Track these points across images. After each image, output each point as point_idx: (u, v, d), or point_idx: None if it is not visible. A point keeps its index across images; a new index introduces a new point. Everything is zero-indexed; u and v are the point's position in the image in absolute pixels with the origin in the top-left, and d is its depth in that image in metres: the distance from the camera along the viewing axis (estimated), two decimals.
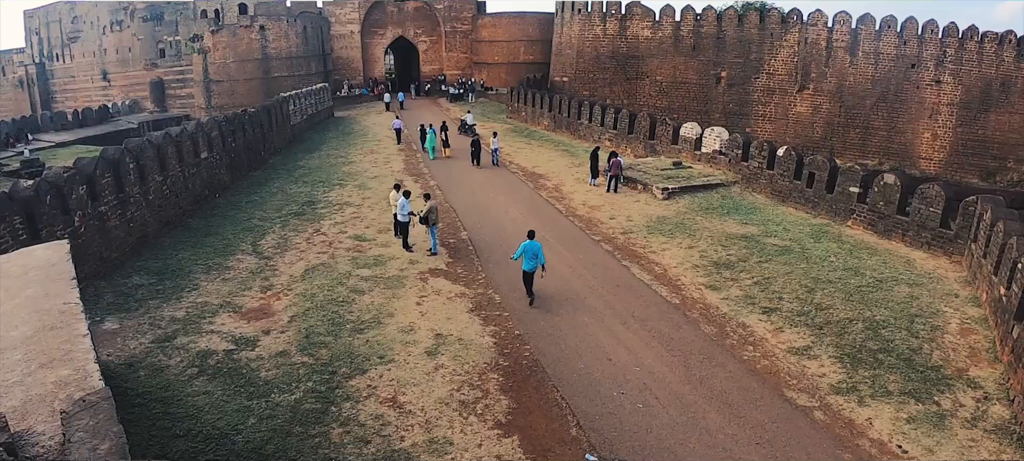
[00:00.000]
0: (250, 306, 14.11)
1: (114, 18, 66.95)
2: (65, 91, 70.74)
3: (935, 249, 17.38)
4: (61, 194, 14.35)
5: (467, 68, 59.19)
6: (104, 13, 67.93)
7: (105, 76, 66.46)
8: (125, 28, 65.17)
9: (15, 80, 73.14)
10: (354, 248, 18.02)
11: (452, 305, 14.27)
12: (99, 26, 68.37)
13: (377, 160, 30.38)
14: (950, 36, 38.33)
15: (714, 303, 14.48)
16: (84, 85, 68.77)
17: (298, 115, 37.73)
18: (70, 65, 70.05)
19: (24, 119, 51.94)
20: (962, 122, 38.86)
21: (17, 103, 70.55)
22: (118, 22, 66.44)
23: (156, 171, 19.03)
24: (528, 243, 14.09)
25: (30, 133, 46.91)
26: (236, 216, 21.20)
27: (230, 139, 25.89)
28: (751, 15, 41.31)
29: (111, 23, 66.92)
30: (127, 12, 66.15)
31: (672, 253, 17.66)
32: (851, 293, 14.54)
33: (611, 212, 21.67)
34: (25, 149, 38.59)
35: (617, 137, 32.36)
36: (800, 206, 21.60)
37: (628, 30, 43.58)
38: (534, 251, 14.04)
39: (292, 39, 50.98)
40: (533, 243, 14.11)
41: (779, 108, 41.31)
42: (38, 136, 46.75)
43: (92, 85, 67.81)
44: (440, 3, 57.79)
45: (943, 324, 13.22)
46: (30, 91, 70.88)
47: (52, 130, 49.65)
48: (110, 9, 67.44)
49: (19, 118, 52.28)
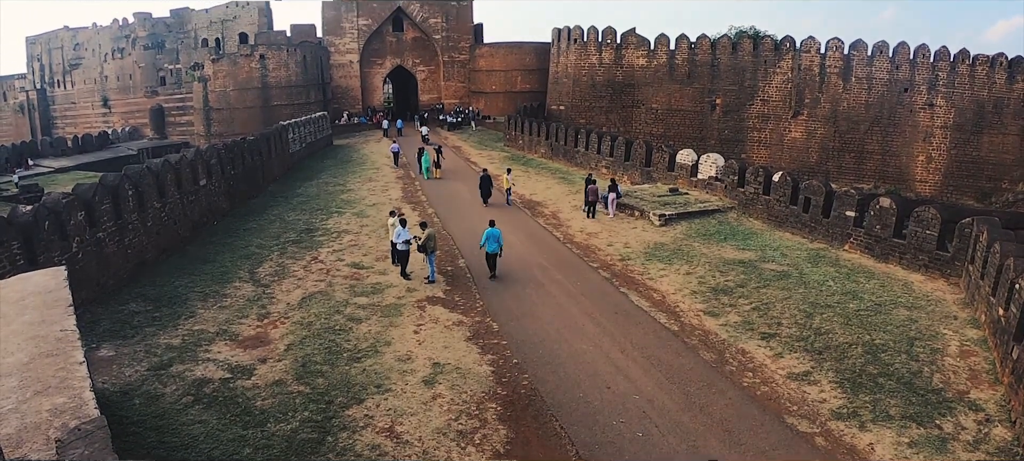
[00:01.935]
0: (247, 334, 14.03)
1: (116, 45, 67.63)
2: (65, 117, 71.12)
3: (932, 271, 17.42)
4: (59, 220, 14.35)
5: (465, 97, 59.72)
6: (106, 40, 68.64)
7: (106, 102, 66.88)
8: (126, 55, 65.80)
9: (16, 105, 73.53)
10: (352, 276, 17.99)
11: (450, 333, 14.21)
12: (100, 53, 69.04)
13: (375, 188, 30.47)
14: (942, 60, 38.96)
15: (713, 329, 14.45)
16: (85, 111, 69.17)
17: (297, 143, 37.92)
18: (71, 91, 70.52)
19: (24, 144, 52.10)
20: (956, 144, 39.30)
21: (17, 128, 70.87)
22: (119, 49, 67.10)
23: (154, 198, 19.06)
24: (490, 230, 17.64)
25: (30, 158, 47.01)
26: (234, 243, 21.18)
27: (229, 167, 25.97)
28: (745, 42, 41.89)
29: (113, 50, 67.59)
30: (129, 40, 66.85)
31: (670, 279, 17.66)
32: (850, 317, 14.52)
33: (609, 239, 21.70)
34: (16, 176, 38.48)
35: (614, 164, 32.55)
36: (797, 231, 21.69)
37: (623, 59, 44.10)
38: (495, 236, 17.59)
39: (292, 68, 51.45)
40: (494, 230, 17.69)
41: (774, 134, 41.69)
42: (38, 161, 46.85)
43: (93, 111, 68.21)
44: (438, 33, 58.49)
45: (943, 346, 13.20)
46: (31, 116, 71.24)
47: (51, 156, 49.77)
48: (112, 36, 68.16)
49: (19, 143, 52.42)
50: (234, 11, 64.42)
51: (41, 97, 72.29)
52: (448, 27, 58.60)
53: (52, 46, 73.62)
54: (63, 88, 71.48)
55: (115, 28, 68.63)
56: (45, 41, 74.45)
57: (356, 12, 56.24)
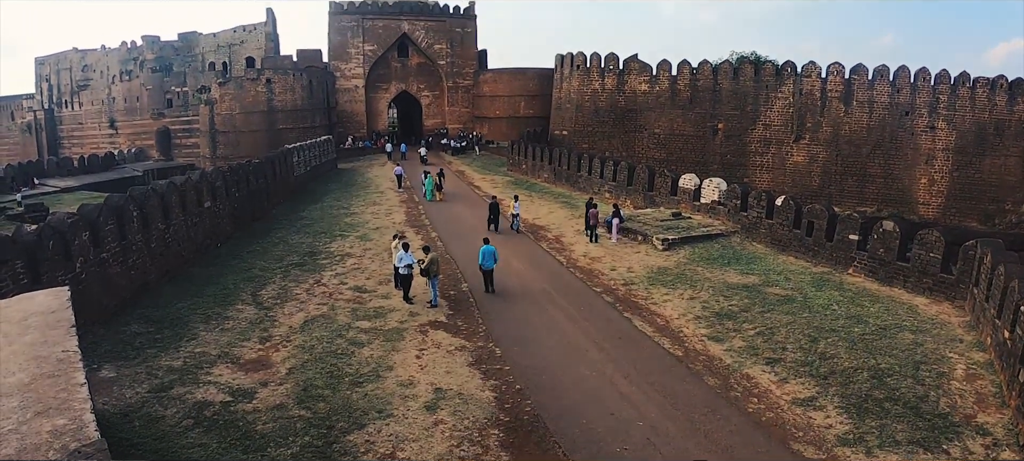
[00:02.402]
0: (248, 357, 13.96)
1: (124, 68, 68.44)
2: (72, 137, 71.70)
3: (937, 294, 17.34)
4: (64, 240, 14.38)
5: (469, 122, 60.11)
6: (114, 62, 69.46)
7: (112, 124, 67.44)
8: (134, 78, 66.53)
9: (23, 125, 74.18)
10: (354, 299, 17.95)
11: (452, 358, 14.12)
12: (108, 75, 69.84)
13: (379, 211, 30.54)
14: (942, 83, 39.21)
15: (717, 355, 14.35)
16: (91, 132, 69.73)
17: (302, 166, 38.11)
18: (78, 112, 71.19)
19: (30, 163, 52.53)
20: (958, 167, 39.38)
21: (24, 148, 71.45)
22: (127, 72, 67.88)
23: (159, 219, 19.11)
24: (485, 247, 18.58)
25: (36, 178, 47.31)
26: (237, 266, 21.19)
27: (234, 189, 26.08)
28: (746, 68, 42.21)
29: (121, 72, 68.36)
30: (137, 62, 67.65)
31: (674, 304, 17.59)
32: (855, 341, 14.42)
33: (612, 263, 21.66)
34: (19, 195, 38.63)
35: (616, 189, 32.63)
36: (800, 255, 21.64)
37: (626, 85, 44.43)
38: (491, 253, 18.54)
39: (297, 92, 51.94)
40: (489, 247, 18.65)
41: (776, 158, 41.81)
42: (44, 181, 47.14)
43: (99, 132, 68.75)
44: (442, 59, 59.07)
45: (949, 370, 13.09)
46: (38, 136, 71.84)
47: (57, 175, 50.13)
48: (120, 59, 68.99)
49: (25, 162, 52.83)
50: (241, 35, 65.26)
51: (49, 117, 72.94)
52: (452, 53, 59.22)
53: (61, 67, 74.49)
54: (71, 109, 72.17)
55: (123, 51, 69.49)
56: (54, 62, 75.33)
57: (362, 38, 56.88)
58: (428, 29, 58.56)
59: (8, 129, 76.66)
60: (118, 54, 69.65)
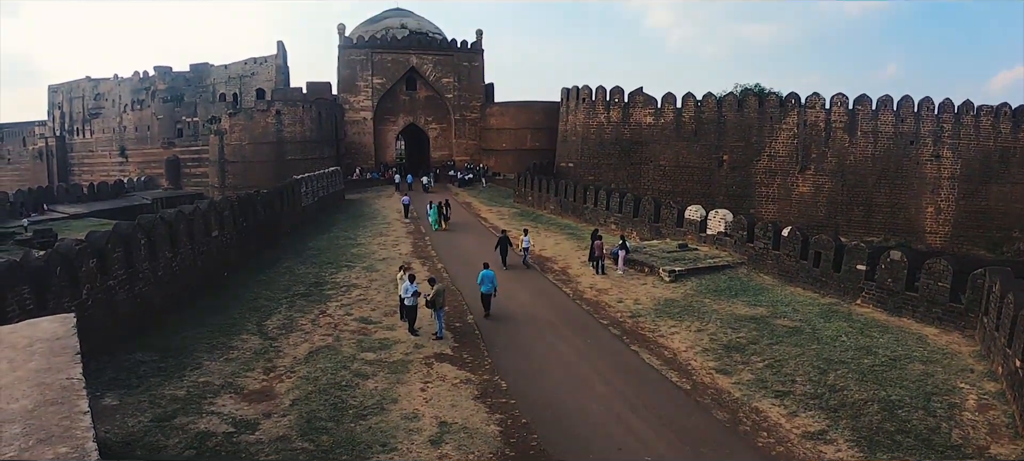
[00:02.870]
0: (252, 388, 13.85)
1: (136, 97, 69.41)
2: (83, 164, 72.42)
3: (947, 324, 17.17)
4: (71, 266, 14.40)
5: (476, 154, 60.45)
6: (126, 92, 70.49)
7: (123, 152, 68.14)
8: (146, 107, 67.42)
9: (34, 151, 75.03)
10: (359, 331, 17.85)
11: (457, 392, 13.96)
12: (120, 104, 70.84)
13: (385, 242, 30.55)
14: (946, 112, 39.35)
15: (726, 388, 14.15)
16: (102, 160, 70.46)
17: (310, 197, 38.27)
18: (90, 139, 72.03)
19: (40, 189, 52.93)
20: (964, 195, 39.27)
21: (35, 173, 72.10)
22: (139, 101, 68.83)
23: (167, 248, 19.16)
24: (484, 272, 19.22)
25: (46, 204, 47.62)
26: (243, 295, 21.15)
27: (241, 219, 26.18)
28: (750, 99, 42.43)
29: (132, 102, 69.32)
30: (149, 92, 68.65)
31: (681, 336, 17.42)
32: (865, 373, 14.23)
33: (619, 295, 21.53)
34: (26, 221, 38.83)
35: (623, 220, 32.61)
36: (808, 286, 21.48)
37: (631, 117, 44.69)
38: (490, 278, 19.09)
39: (307, 124, 52.45)
40: (488, 272, 19.27)
41: (782, 189, 41.78)
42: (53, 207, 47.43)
43: (110, 160, 69.45)
44: (450, 93, 59.68)
45: (960, 401, 12.89)
46: (49, 162, 72.57)
47: (67, 202, 50.47)
48: (132, 88, 70.03)
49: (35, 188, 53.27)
50: (252, 67, 66.24)
51: (60, 144, 73.76)
52: (460, 87, 59.85)
53: (73, 95, 75.57)
54: (82, 136, 73.03)
55: (136, 80, 70.58)
56: (67, 90, 76.46)
57: (371, 71, 57.57)
58: (436, 63, 59.29)
59: (19, 155, 77.53)
60: (130, 83, 70.72)
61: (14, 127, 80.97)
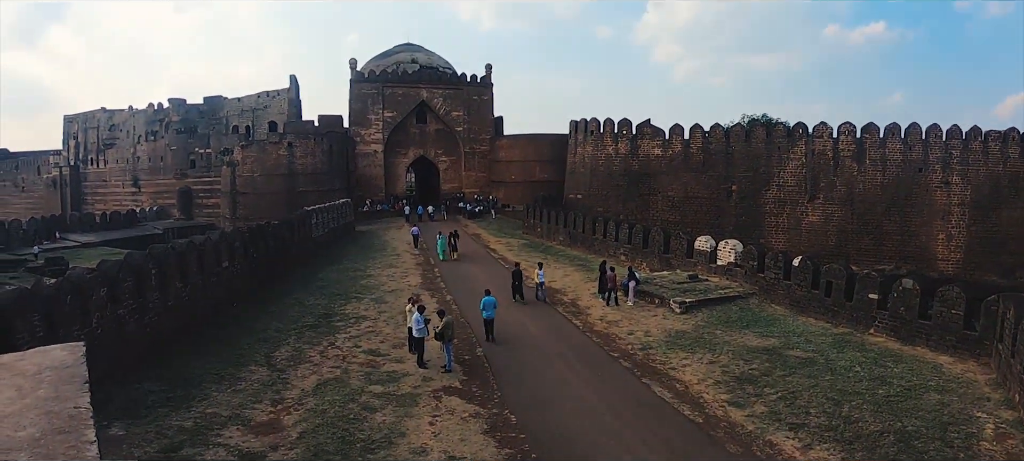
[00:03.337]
0: (259, 419, 13.72)
1: (149, 128, 70.37)
2: (96, 194, 73.19)
3: (961, 352, 16.88)
4: (82, 295, 14.44)
5: (485, 186, 60.70)
6: (140, 123, 71.51)
7: (136, 182, 68.87)
8: (159, 138, 68.34)
9: (48, 180, 75.97)
10: (368, 363, 17.71)
11: (466, 426, 13.76)
12: (134, 135, 71.81)
13: (395, 274, 30.52)
14: (954, 138, 39.23)
15: (739, 421, 13.89)
16: (115, 189, 71.20)
17: (320, 228, 38.41)
18: (103, 169, 72.92)
19: (53, 218, 53.42)
20: (975, 221, 38.94)
21: (48, 202, 72.86)
22: (153, 132, 69.78)
23: (177, 278, 19.21)
24: (486, 298, 19.75)
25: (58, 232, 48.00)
26: (252, 326, 21.10)
27: (252, 250, 26.27)
28: (758, 130, 42.47)
29: (146, 133, 70.29)
30: (162, 124, 69.62)
31: (693, 369, 17.17)
32: (880, 404, 13.98)
33: (629, 327, 21.31)
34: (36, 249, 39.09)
35: (632, 252, 32.47)
36: (820, 316, 21.21)
37: (639, 149, 44.83)
38: (491, 304, 19.71)
39: (318, 156, 52.92)
40: (490, 298, 19.82)
41: (791, 218, 41.56)
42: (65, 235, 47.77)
43: (123, 190, 70.17)
44: (460, 126, 60.17)
45: (977, 431, 12.62)
46: (62, 191, 73.39)
47: (79, 230, 50.85)
48: (146, 120, 71.05)
49: (48, 217, 53.78)
50: (264, 101, 67.14)
51: (74, 173, 74.68)
52: (469, 120, 60.36)
53: (88, 126, 76.68)
54: (96, 166, 73.93)
55: (150, 112, 71.63)
56: (82, 120, 77.62)
57: (382, 105, 58.22)
58: (446, 97, 59.93)
59: (33, 183, 78.54)
60: (145, 115, 71.79)
61: (29, 156, 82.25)
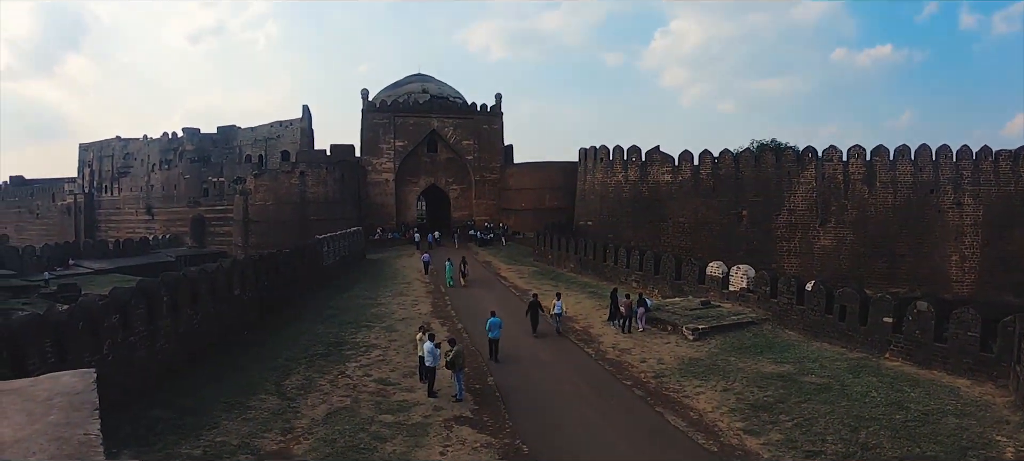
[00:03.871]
0: (269, 448, 13.58)
1: (164, 157, 71.32)
2: (110, 221, 73.97)
3: (979, 374, 16.54)
4: (93, 321, 14.46)
5: (495, 213, 60.80)
6: (155, 152, 72.51)
7: (149, 210, 69.58)
8: (173, 167, 69.20)
9: (63, 207, 76.92)
10: (378, 392, 17.55)
11: (478, 456, 13.55)
12: (149, 163, 72.78)
13: (405, 302, 30.42)
14: (964, 158, 39.05)
15: (754, 449, 13.59)
16: (129, 217, 71.96)
17: (331, 256, 38.48)
18: (117, 197, 73.83)
19: (66, 244, 53.91)
20: (988, 241, 38.51)
21: (63, 229, 73.69)
22: (167, 161, 70.70)
23: (188, 305, 19.24)
24: (492, 319, 20.53)
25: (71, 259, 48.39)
26: (262, 354, 21.03)
27: (263, 278, 26.31)
28: (767, 155, 42.38)
29: (160, 161, 71.23)
30: (177, 153, 70.53)
31: (707, 396, 16.89)
32: (897, 429, 13.67)
33: (642, 354, 21.06)
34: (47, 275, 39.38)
35: (643, 278, 32.25)
36: (834, 341, 20.88)
37: (649, 176, 44.82)
38: (497, 324, 20.35)
39: (330, 185, 53.27)
40: (495, 319, 20.53)
41: (803, 242, 41.23)
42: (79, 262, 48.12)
43: (136, 217, 70.90)
44: (470, 154, 60.49)
45: (998, 454, 12.30)
46: (76, 218, 74.26)
47: (92, 257, 51.24)
48: (161, 148, 72.04)
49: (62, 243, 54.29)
50: (278, 130, 67.94)
51: (89, 201, 75.64)
52: (480, 148, 60.70)
53: (103, 154, 77.82)
54: (110, 194, 74.86)
55: (164, 141, 72.64)
56: (98, 149, 78.81)
57: (393, 134, 58.71)
58: (456, 126, 60.38)
59: (48, 210, 79.57)
60: (159, 144, 72.79)
61: (45, 183, 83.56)
